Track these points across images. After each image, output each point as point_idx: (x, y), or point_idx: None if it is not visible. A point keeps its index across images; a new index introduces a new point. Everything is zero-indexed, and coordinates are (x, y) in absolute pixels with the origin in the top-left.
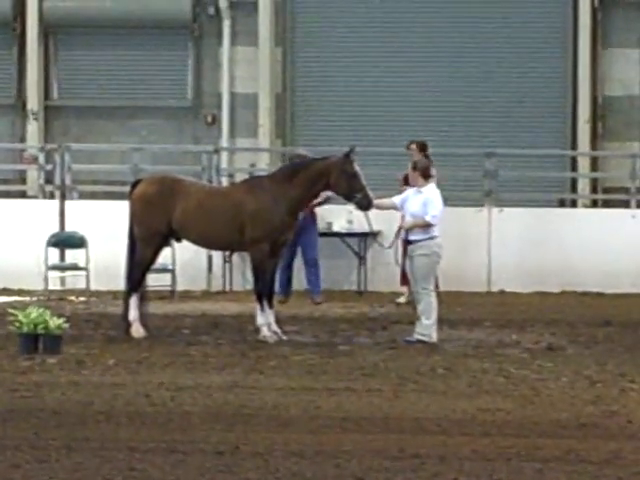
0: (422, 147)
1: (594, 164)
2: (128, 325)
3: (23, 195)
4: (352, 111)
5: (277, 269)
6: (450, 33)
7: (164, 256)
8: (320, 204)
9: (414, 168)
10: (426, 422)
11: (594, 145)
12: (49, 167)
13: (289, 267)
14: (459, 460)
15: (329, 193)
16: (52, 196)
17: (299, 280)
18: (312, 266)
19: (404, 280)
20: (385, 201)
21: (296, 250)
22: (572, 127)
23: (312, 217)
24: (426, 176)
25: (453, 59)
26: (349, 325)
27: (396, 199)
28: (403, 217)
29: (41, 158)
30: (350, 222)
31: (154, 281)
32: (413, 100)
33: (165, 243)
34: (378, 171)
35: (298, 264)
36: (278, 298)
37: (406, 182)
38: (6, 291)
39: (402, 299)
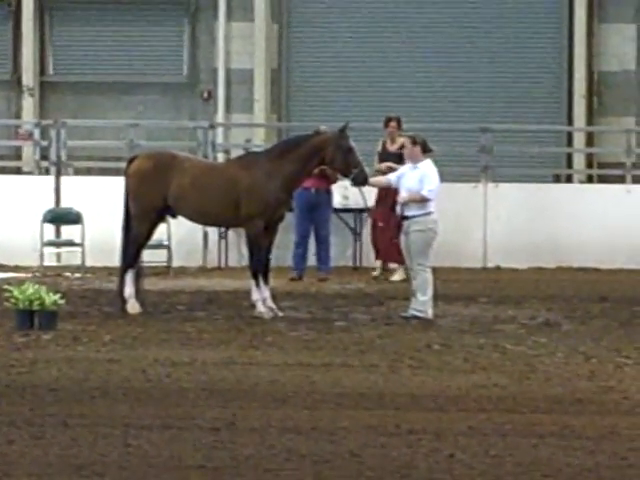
0: (399, 122)
1: (590, 139)
2: (124, 301)
3: (18, 171)
4: (347, 87)
5: (273, 245)
6: (446, 9)
7: (160, 232)
8: (332, 181)
9: (414, 142)
10: (422, 398)
11: (590, 120)
12: (44, 143)
13: (304, 244)
14: (455, 436)
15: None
16: (47, 172)
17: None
18: (323, 242)
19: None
20: (380, 179)
21: (310, 227)
22: (568, 102)
23: (328, 194)
24: (426, 150)
25: (449, 34)
26: (345, 301)
27: (391, 176)
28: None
29: (36, 134)
30: (346, 198)
31: (150, 257)
32: (408, 76)
33: (161, 219)
34: (372, 147)
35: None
36: (291, 276)
37: (381, 160)
38: (2, 267)
39: (396, 276)
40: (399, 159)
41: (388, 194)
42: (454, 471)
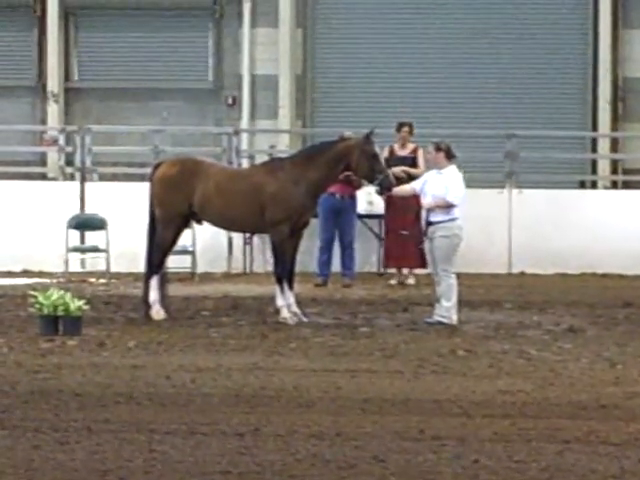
0: (411, 128)
1: (614, 145)
2: (148, 307)
3: (43, 177)
4: (372, 92)
5: (297, 250)
6: (471, 15)
7: (184, 238)
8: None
9: (438, 149)
10: (446, 404)
11: (614, 126)
12: (69, 149)
13: (329, 249)
14: (479, 441)
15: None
16: (72, 178)
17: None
18: (348, 248)
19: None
20: (404, 187)
21: (335, 232)
22: (592, 108)
23: (352, 200)
24: (450, 156)
25: (474, 41)
26: (369, 307)
27: (416, 184)
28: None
29: (61, 140)
30: (370, 203)
31: (174, 263)
32: (433, 81)
33: (186, 225)
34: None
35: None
36: (316, 281)
37: (390, 165)
38: (27, 273)
39: (411, 280)
40: (412, 163)
41: (407, 200)
42: (478, 477)
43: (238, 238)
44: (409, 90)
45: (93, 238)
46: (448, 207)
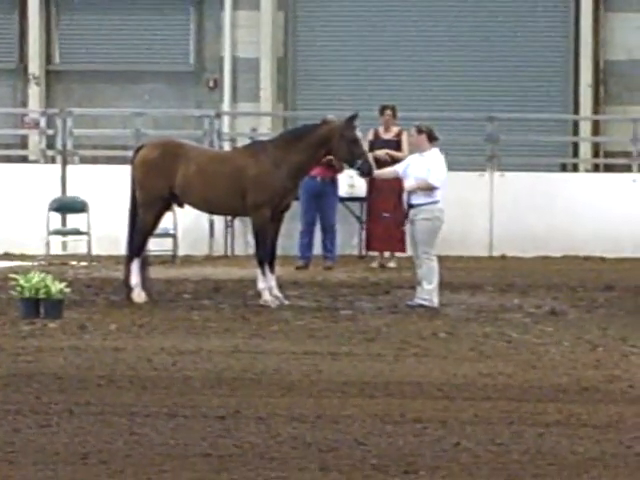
0: (394, 111)
1: (596, 128)
2: (129, 290)
3: (25, 160)
4: (354, 75)
5: (279, 233)
6: None
7: (166, 221)
8: (338, 171)
9: (419, 131)
10: (428, 386)
11: (596, 109)
12: (51, 132)
13: (310, 232)
14: (461, 424)
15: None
16: (54, 161)
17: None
18: (329, 232)
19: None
20: (387, 170)
21: (316, 215)
22: (574, 91)
23: (333, 183)
24: (432, 139)
25: (454, 23)
26: (351, 289)
27: (398, 167)
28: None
29: (42, 123)
30: (352, 187)
31: (156, 246)
32: (415, 64)
33: (167, 208)
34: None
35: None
36: (297, 264)
37: (374, 148)
38: (8, 256)
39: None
40: (396, 146)
41: (390, 183)
42: (460, 459)
43: (219, 221)
44: (391, 73)
45: (74, 221)
46: (430, 190)
